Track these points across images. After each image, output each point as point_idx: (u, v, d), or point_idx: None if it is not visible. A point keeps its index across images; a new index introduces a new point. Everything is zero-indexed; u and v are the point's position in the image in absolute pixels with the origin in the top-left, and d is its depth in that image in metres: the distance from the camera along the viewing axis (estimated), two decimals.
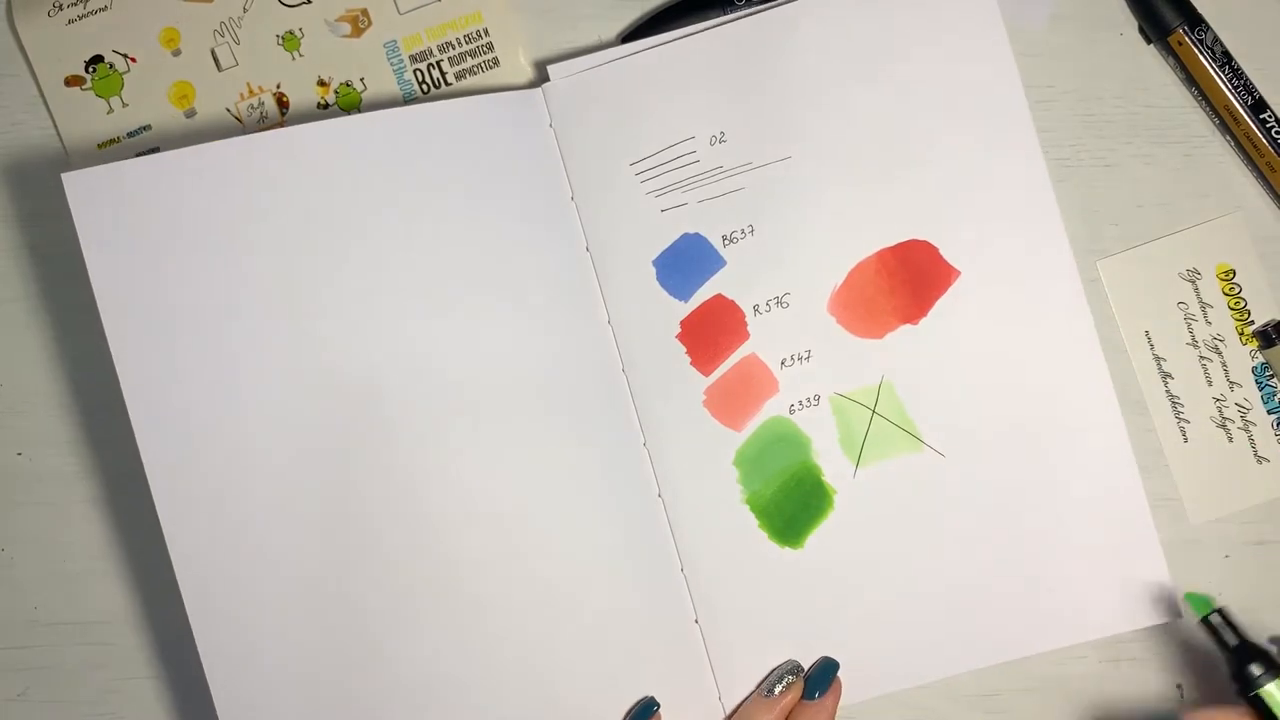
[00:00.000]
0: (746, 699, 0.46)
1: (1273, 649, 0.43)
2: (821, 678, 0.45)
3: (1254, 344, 0.48)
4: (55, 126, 0.50)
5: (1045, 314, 0.45)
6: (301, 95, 0.49)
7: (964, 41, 0.45)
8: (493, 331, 0.45)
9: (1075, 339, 0.45)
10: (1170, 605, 0.45)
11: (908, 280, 0.46)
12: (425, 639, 0.44)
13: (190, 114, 0.49)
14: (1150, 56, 0.49)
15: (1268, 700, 0.42)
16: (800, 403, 0.46)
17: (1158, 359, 0.49)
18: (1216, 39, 0.47)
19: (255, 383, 0.43)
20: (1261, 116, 0.47)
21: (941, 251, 0.46)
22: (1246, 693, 0.42)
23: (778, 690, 0.45)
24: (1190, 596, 0.44)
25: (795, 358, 0.46)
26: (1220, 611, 0.43)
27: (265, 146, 0.44)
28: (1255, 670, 0.42)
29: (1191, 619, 0.44)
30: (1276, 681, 0.42)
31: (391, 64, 0.49)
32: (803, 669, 0.45)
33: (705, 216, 0.46)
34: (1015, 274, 0.45)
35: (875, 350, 0.46)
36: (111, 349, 0.43)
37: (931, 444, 0.46)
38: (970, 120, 0.45)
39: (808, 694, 0.45)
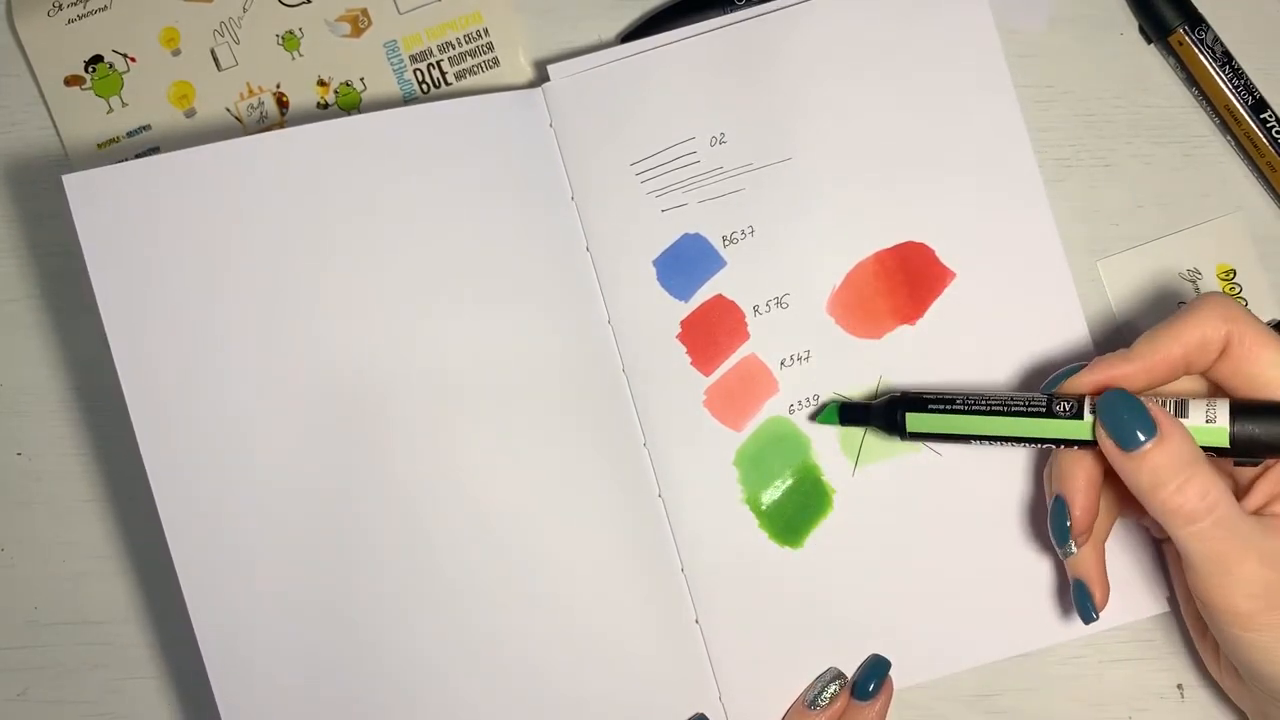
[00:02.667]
0: (789, 710, 0.45)
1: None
2: (873, 675, 0.44)
3: None
4: (55, 126, 0.50)
5: (1038, 314, 0.46)
6: (301, 95, 0.49)
7: (958, 45, 0.46)
8: (492, 332, 0.45)
9: (1067, 338, 0.45)
10: (1163, 598, 0.45)
11: (905, 281, 0.46)
12: (425, 637, 0.44)
13: (190, 114, 0.49)
14: (1150, 56, 0.49)
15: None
16: (800, 403, 0.46)
17: None
18: (1217, 39, 0.47)
19: (256, 383, 0.43)
20: (1262, 116, 0.47)
21: (937, 253, 0.46)
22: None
23: (826, 697, 0.44)
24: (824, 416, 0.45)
25: (795, 358, 0.46)
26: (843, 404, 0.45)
27: (265, 147, 0.44)
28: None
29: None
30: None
31: (391, 64, 0.49)
32: (845, 676, 0.45)
33: (705, 217, 0.46)
34: (1009, 275, 0.46)
35: (874, 350, 0.46)
36: (112, 349, 0.43)
37: (928, 444, 0.46)
38: (964, 123, 0.46)
39: (859, 694, 0.44)
